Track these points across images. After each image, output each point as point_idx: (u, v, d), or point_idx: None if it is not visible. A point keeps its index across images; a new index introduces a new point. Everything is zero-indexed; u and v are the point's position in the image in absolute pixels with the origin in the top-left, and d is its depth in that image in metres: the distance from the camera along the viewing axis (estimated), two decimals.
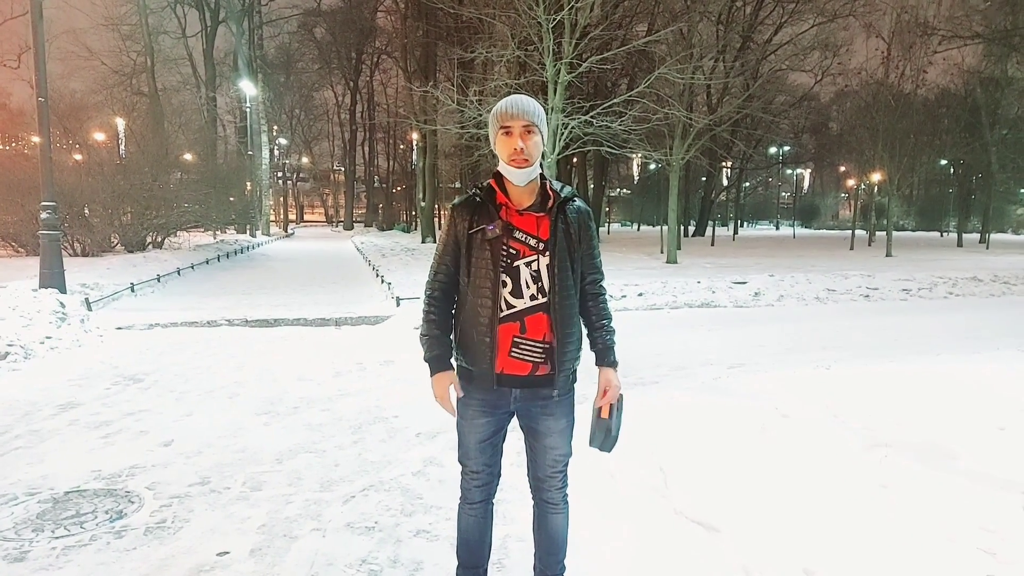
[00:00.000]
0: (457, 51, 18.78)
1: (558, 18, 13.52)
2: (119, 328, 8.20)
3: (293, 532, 2.98)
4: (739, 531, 2.86)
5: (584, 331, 2.18)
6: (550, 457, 2.17)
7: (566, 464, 2.22)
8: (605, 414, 2.13)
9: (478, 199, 2.07)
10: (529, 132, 1.99)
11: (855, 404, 4.50)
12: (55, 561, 2.72)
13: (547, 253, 2.04)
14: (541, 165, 2.08)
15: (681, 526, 2.99)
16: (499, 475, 2.26)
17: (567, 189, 2.12)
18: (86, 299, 9.24)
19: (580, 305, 2.14)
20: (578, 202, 2.13)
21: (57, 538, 2.90)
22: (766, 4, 32.83)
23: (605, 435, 2.15)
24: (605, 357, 2.16)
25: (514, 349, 2.03)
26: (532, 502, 2.29)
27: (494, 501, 2.29)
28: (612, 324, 2.19)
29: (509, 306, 2.02)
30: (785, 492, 3.19)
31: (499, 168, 2.07)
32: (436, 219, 32.95)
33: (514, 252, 2.03)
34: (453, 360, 2.16)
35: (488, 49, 16.34)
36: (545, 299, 2.04)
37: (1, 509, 3.19)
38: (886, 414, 4.26)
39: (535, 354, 2.04)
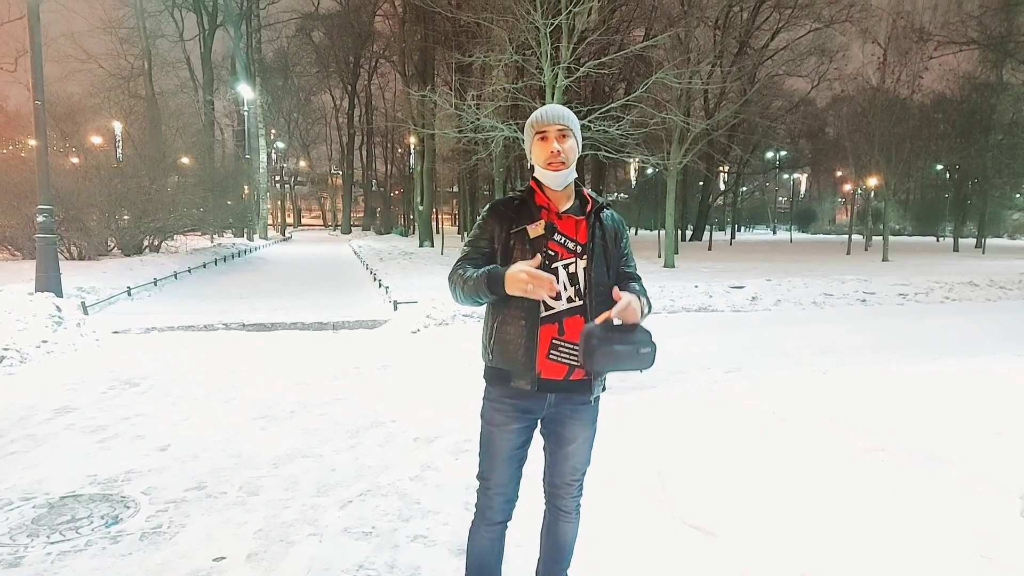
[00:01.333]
0: (455, 55, 18.77)
1: (556, 23, 13.55)
2: (115, 332, 8.17)
3: (290, 537, 2.97)
4: (737, 536, 2.86)
5: None
6: (570, 464, 2.17)
7: (584, 474, 2.21)
8: (615, 317, 1.84)
9: (517, 201, 2.09)
10: (564, 136, 2.04)
11: (852, 408, 4.51)
12: (50, 567, 2.71)
13: (584, 256, 2.05)
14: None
15: (679, 531, 2.99)
16: (517, 496, 2.18)
17: (601, 197, 2.16)
18: (82, 303, 9.21)
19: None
20: (612, 210, 2.17)
21: (52, 543, 2.89)
22: (763, 9, 33.01)
23: (624, 340, 1.80)
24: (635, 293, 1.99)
25: (552, 352, 2.02)
26: (544, 507, 2.27)
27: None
28: (646, 296, 2.07)
29: (547, 307, 2.01)
30: (783, 496, 3.19)
31: (535, 175, 2.11)
32: (434, 223, 32.91)
33: (552, 254, 2.03)
34: (484, 363, 2.12)
35: (486, 54, 16.37)
36: (582, 302, 2.04)
37: None
38: (883, 418, 4.27)
39: (572, 357, 2.03)
